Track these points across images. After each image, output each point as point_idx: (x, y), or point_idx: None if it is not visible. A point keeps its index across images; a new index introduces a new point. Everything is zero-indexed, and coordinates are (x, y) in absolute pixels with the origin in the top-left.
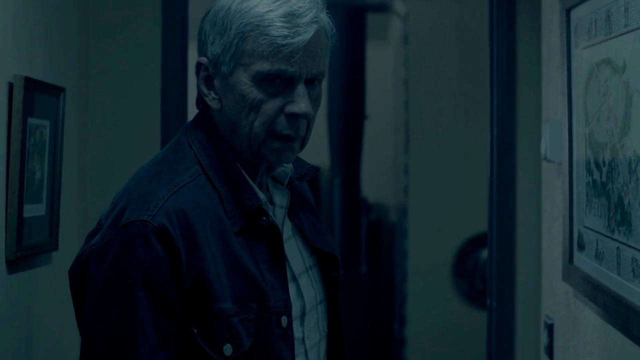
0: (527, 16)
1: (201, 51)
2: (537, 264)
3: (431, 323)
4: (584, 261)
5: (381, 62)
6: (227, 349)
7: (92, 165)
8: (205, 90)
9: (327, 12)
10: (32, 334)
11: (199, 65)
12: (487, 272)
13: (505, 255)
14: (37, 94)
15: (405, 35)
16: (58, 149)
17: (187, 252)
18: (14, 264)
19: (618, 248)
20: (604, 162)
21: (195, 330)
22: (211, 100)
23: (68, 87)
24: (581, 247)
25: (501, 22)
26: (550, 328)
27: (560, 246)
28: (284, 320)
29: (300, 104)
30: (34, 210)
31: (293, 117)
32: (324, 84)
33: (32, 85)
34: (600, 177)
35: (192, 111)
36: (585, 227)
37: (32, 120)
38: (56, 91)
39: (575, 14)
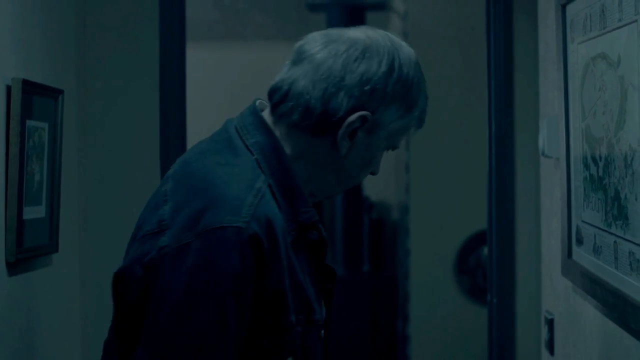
0: (524, 12)
1: (368, 103)
2: (536, 259)
3: (434, 320)
4: (582, 256)
5: None
6: None
7: (92, 167)
8: (346, 137)
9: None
10: (33, 336)
11: (363, 119)
12: (487, 269)
13: (505, 251)
14: (35, 97)
15: (405, 33)
16: (57, 151)
17: (271, 263)
18: (14, 266)
19: (615, 242)
20: (600, 157)
21: (266, 342)
22: (343, 145)
23: (66, 89)
24: (579, 242)
25: (498, 18)
26: (550, 323)
27: (559, 241)
28: (322, 333)
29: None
30: (34, 212)
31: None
32: None
33: (30, 88)
34: (597, 172)
35: (190, 113)
36: (583, 221)
37: (30, 123)
38: (54, 93)
39: (570, 9)
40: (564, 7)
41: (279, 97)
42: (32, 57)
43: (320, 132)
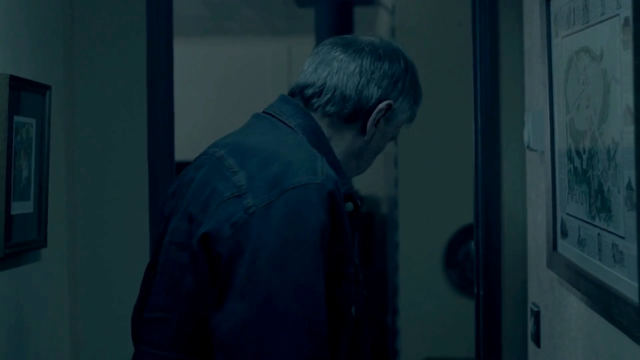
0: (509, 7)
1: (392, 94)
2: (523, 252)
3: (423, 313)
4: (567, 248)
5: None
6: (353, 310)
7: (79, 162)
8: (374, 123)
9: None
10: (22, 331)
11: (388, 106)
12: (474, 261)
13: (492, 244)
14: (22, 93)
15: (392, 28)
16: (45, 146)
17: (339, 217)
18: (3, 261)
19: (599, 234)
20: (584, 150)
21: (337, 292)
22: (371, 130)
23: (54, 85)
24: (564, 234)
25: (484, 13)
26: (536, 315)
27: (544, 234)
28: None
29: None
30: (22, 207)
31: None
32: None
33: (17, 84)
34: (581, 165)
35: (178, 108)
36: (567, 214)
37: (18, 119)
38: (42, 89)
39: (554, 3)
40: (548, 1)
41: (312, 91)
42: (19, 53)
43: (352, 119)
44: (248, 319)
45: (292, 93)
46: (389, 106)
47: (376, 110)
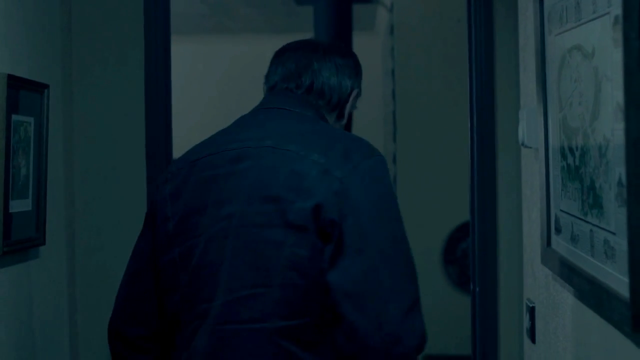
0: (504, 5)
1: (356, 82)
2: (518, 248)
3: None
4: (560, 244)
5: (368, 53)
6: None
7: (78, 160)
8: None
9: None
10: (21, 328)
11: (357, 93)
12: (470, 258)
13: (488, 241)
14: (21, 91)
15: (391, 25)
16: (43, 145)
17: None
18: (2, 259)
19: (591, 230)
20: (576, 147)
21: None
22: (347, 114)
23: (52, 83)
24: (558, 231)
25: (479, 11)
26: (531, 311)
27: (539, 230)
28: None
29: None
30: (21, 205)
31: None
32: None
33: (15, 83)
34: (574, 162)
35: (178, 105)
36: (561, 210)
37: (16, 117)
38: (40, 88)
39: (548, 1)
40: None
41: (303, 89)
42: (17, 51)
43: (335, 107)
44: (367, 269)
45: (274, 89)
46: (358, 93)
47: (351, 98)
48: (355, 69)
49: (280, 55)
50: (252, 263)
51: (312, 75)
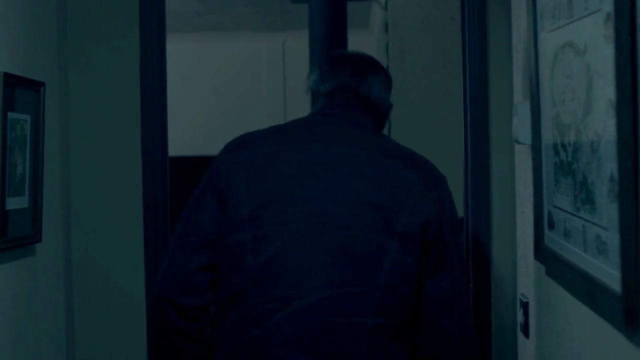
0: (498, 3)
1: (389, 96)
2: (511, 244)
3: None
4: (553, 240)
5: (362, 50)
6: None
7: (74, 158)
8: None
9: None
10: (18, 325)
11: (391, 106)
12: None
13: (481, 236)
14: (17, 89)
15: (385, 22)
16: (39, 142)
17: None
18: None
19: (583, 226)
20: (569, 143)
21: None
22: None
23: (48, 81)
24: (551, 226)
25: (473, 8)
26: (525, 306)
27: (532, 226)
28: None
29: None
30: (17, 203)
31: None
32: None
33: (11, 81)
34: (567, 157)
35: (172, 103)
36: (554, 206)
37: (12, 115)
38: (36, 86)
39: None
40: None
41: (361, 99)
42: (14, 49)
43: (381, 120)
44: (454, 281)
45: (334, 96)
46: (391, 107)
47: (390, 111)
48: (390, 85)
49: (333, 65)
50: (353, 263)
51: (368, 89)
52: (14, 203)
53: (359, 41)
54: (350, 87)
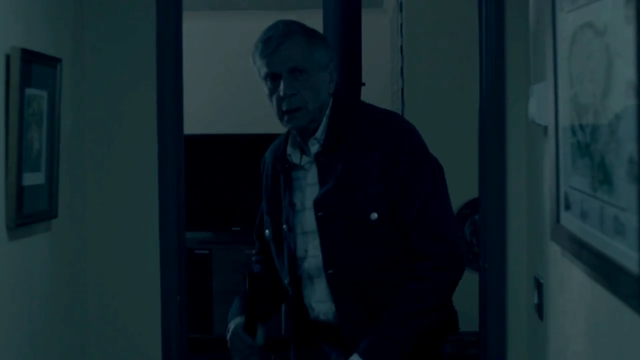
0: None
1: None
2: (527, 224)
3: None
4: (570, 220)
5: (377, 30)
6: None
7: (90, 134)
8: None
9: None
10: (32, 300)
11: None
12: (480, 235)
13: (497, 217)
14: (34, 65)
15: (400, 3)
16: (56, 118)
17: None
18: (15, 232)
19: (601, 206)
20: (587, 124)
21: None
22: None
23: (65, 57)
24: (567, 207)
25: None
26: (539, 287)
27: (548, 207)
28: None
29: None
30: (34, 178)
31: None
32: None
33: (29, 57)
34: (584, 138)
35: (187, 82)
36: (571, 187)
37: (29, 91)
38: (53, 62)
39: None
40: None
41: None
42: (31, 26)
43: None
44: None
45: None
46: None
47: None
48: None
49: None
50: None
51: None
52: (30, 179)
53: (373, 21)
54: None
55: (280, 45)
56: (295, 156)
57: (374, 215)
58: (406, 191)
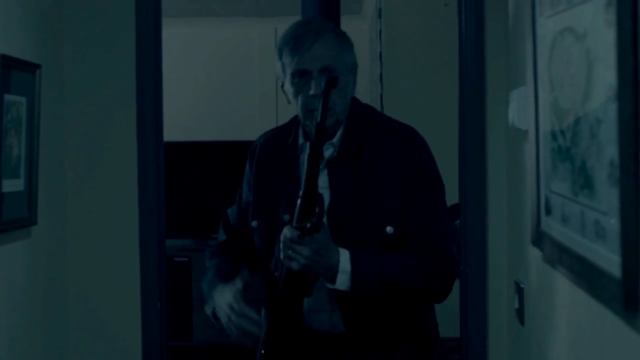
0: None
1: None
2: (508, 229)
3: None
4: (551, 225)
5: (356, 37)
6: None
7: (69, 140)
8: None
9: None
10: (11, 307)
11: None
12: (460, 239)
13: (477, 222)
14: (13, 71)
15: (379, 8)
16: (35, 125)
17: None
18: None
19: (582, 211)
20: (567, 128)
21: None
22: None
23: (44, 64)
24: (548, 212)
25: None
26: (520, 292)
27: (529, 211)
28: None
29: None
30: (13, 185)
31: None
32: None
33: (8, 63)
34: (565, 143)
35: (165, 88)
36: (552, 191)
37: (8, 97)
38: (32, 68)
39: None
40: None
41: None
42: (10, 32)
43: None
44: None
45: None
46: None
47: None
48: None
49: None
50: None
51: None
52: (9, 185)
53: (352, 27)
54: None
55: (314, 43)
56: (306, 153)
57: (390, 229)
58: (417, 205)
